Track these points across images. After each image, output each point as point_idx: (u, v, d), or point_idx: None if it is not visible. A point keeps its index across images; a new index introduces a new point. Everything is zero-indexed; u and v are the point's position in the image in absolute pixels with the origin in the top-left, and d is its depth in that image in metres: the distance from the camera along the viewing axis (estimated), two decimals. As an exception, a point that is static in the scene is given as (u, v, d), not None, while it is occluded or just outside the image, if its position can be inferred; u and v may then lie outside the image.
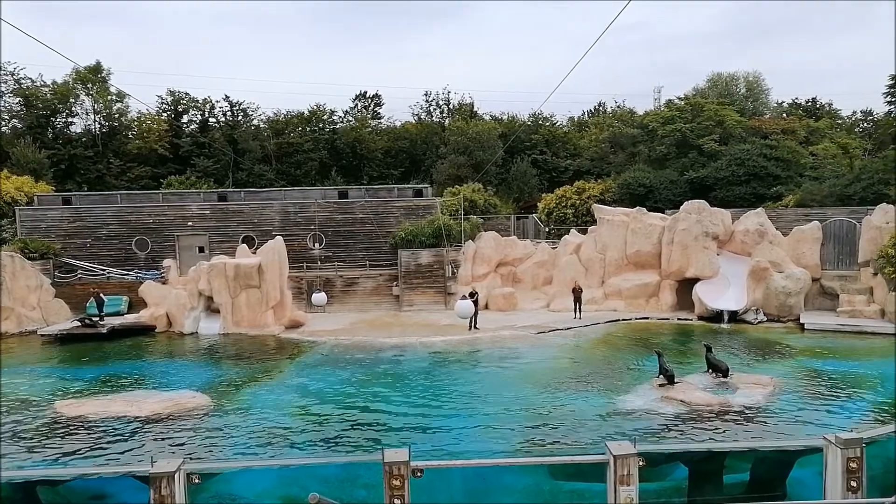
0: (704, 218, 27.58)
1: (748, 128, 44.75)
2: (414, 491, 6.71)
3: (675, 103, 48.13)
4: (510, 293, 29.39)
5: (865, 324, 23.39)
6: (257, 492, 7.75)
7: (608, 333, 24.22)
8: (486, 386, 17.32)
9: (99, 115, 52.73)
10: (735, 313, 25.42)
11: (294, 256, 29.31)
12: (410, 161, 58.21)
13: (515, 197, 49.01)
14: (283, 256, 26.53)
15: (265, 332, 24.88)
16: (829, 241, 26.89)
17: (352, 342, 23.08)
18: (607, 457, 6.97)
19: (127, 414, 14.81)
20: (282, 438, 13.37)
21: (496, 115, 61.66)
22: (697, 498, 7.79)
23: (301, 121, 57.99)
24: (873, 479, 7.36)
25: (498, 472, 8.18)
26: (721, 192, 37.54)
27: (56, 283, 28.81)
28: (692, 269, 27.26)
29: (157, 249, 31.26)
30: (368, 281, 30.41)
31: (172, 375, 19.12)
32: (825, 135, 47.87)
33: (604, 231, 29.70)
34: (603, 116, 61.89)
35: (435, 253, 29.62)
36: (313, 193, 33.81)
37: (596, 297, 28.35)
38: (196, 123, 58.15)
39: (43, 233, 30.79)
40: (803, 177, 37.76)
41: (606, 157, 51.32)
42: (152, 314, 26.11)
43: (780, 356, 20.11)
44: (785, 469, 8.00)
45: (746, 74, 58.25)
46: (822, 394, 15.78)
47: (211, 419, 14.67)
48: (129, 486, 7.15)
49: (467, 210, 35.87)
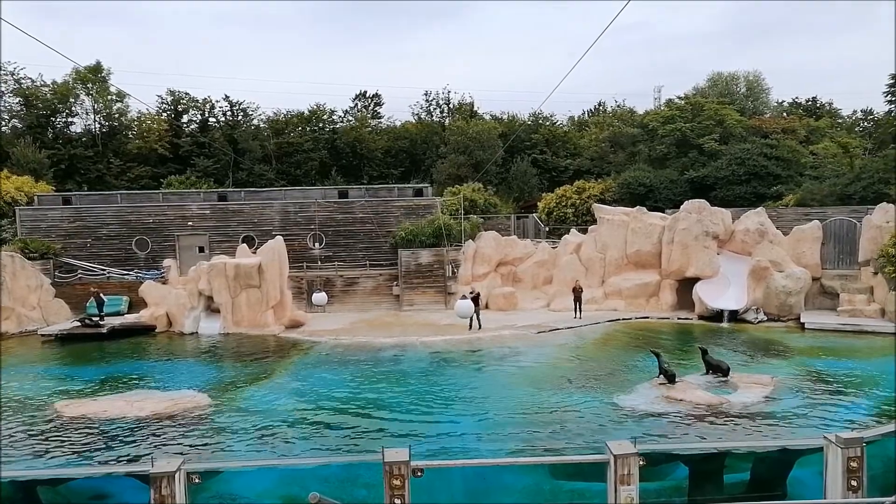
0: (705, 217, 27.58)
1: (748, 127, 44.75)
2: (414, 491, 6.71)
3: (675, 103, 48.15)
4: (510, 293, 29.38)
5: (866, 323, 23.38)
6: (258, 491, 7.75)
7: (608, 333, 24.21)
8: (486, 385, 17.32)
9: (99, 115, 52.76)
10: (735, 313, 25.41)
11: (294, 256, 29.30)
12: (410, 161, 58.23)
13: (515, 196, 49.01)
14: (283, 256, 26.53)
15: (265, 332, 24.88)
16: (829, 240, 26.89)
17: (352, 342, 23.08)
18: (608, 456, 6.97)
19: (127, 414, 14.80)
20: (282, 438, 13.37)
21: (496, 115, 61.72)
22: (698, 497, 7.79)
23: (301, 120, 58.01)
24: (874, 478, 7.36)
25: (498, 471, 8.17)
26: (721, 191, 37.55)
27: (56, 283, 28.80)
28: (692, 269, 27.26)
29: (158, 249, 31.26)
30: (368, 281, 30.41)
31: (173, 375, 19.11)
32: (825, 134, 47.87)
33: (604, 231, 29.70)
34: (603, 116, 61.90)
35: (435, 252, 29.61)
36: (313, 193, 33.82)
37: (596, 297, 28.35)
38: (196, 123, 58.20)
39: (43, 233, 30.79)
40: (803, 176, 37.77)
41: (606, 157, 51.33)
42: (152, 314, 26.10)
43: (781, 356, 20.10)
44: (785, 468, 8.00)
45: (747, 74, 58.29)
46: (822, 393, 15.77)
47: (211, 419, 14.67)
48: (130, 486, 7.15)
49: (467, 210, 35.87)
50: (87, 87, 51.37)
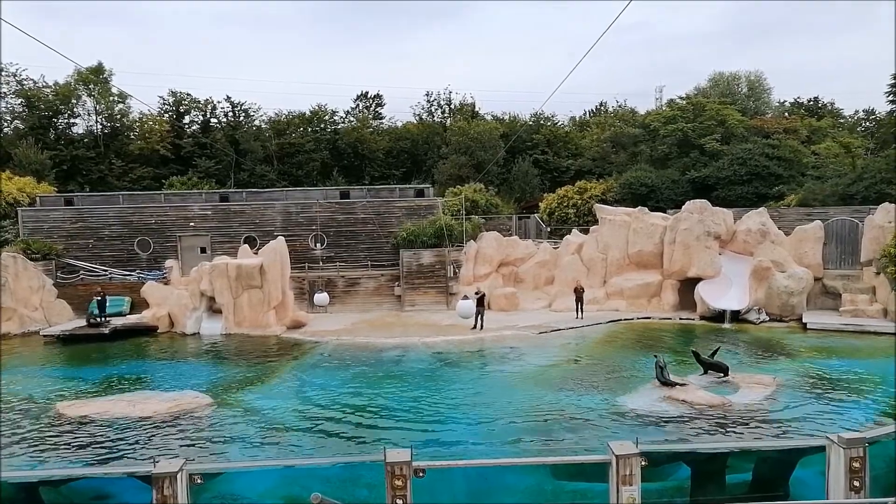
0: (706, 217, 27.55)
1: (750, 127, 44.71)
2: (416, 491, 6.72)
3: (676, 103, 48.14)
4: (512, 293, 29.37)
5: (868, 323, 23.34)
6: (259, 492, 7.76)
7: (610, 333, 24.19)
8: (488, 386, 17.32)
9: (101, 116, 52.84)
10: (737, 313, 25.38)
11: (296, 257, 29.32)
12: (412, 161, 58.23)
13: (517, 197, 48.98)
14: (284, 257, 26.54)
15: (267, 333, 24.89)
16: (831, 240, 26.86)
17: (353, 342, 23.08)
18: (609, 457, 6.97)
19: (129, 414, 14.82)
20: (284, 439, 13.37)
21: (497, 115, 61.71)
22: (700, 498, 7.79)
23: (302, 121, 58.05)
24: (876, 478, 7.36)
25: (500, 472, 8.17)
26: (723, 191, 37.52)
27: (58, 283, 28.82)
28: (694, 269, 27.23)
29: (159, 250, 31.30)
30: (370, 281, 30.41)
31: (174, 376, 19.11)
32: (827, 134, 47.85)
33: (605, 231, 29.68)
34: (604, 116, 61.88)
35: (436, 253, 29.62)
36: (315, 194, 33.83)
37: (598, 297, 28.34)
38: (198, 124, 58.28)
39: (45, 233, 30.85)
40: (805, 176, 37.74)
41: (608, 157, 51.30)
42: (154, 315, 26.12)
43: (783, 356, 20.06)
44: (787, 469, 7.99)
45: (748, 74, 58.26)
46: (824, 393, 15.74)
47: (213, 419, 14.68)
48: (132, 487, 7.16)
49: (469, 210, 35.85)
50: (89, 88, 51.44)
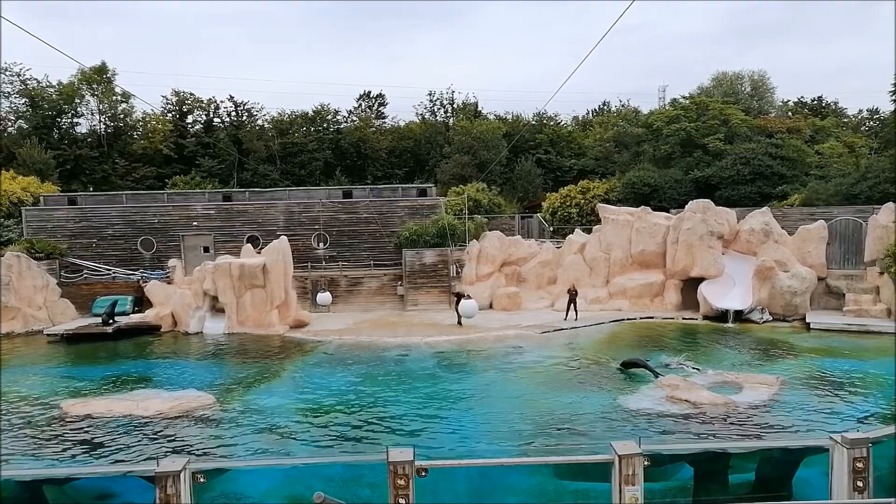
0: (709, 217, 27.50)
1: (753, 127, 44.55)
2: (418, 490, 6.71)
3: (679, 102, 47.98)
4: (514, 293, 29.34)
5: (871, 323, 23.29)
6: (262, 491, 7.77)
7: (613, 333, 24.18)
8: (490, 385, 17.32)
9: (104, 116, 52.89)
10: (740, 313, 25.34)
11: (298, 256, 29.33)
12: (415, 161, 58.20)
13: (520, 196, 48.93)
14: (287, 256, 26.56)
15: (270, 332, 24.91)
16: (834, 240, 26.79)
17: (356, 342, 23.10)
18: (612, 456, 6.95)
19: (133, 413, 14.86)
20: (287, 438, 13.39)
21: (500, 115, 61.60)
22: (703, 498, 7.78)
23: (305, 121, 58.04)
24: (880, 479, 7.34)
25: (503, 471, 8.16)
26: (726, 191, 37.42)
27: (62, 282, 28.90)
28: (697, 269, 27.19)
29: (163, 249, 31.35)
30: (373, 281, 30.42)
31: (178, 375, 19.15)
32: (831, 133, 47.69)
33: (608, 230, 29.65)
34: (607, 116, 61.78)
35: (439, 252, 29.62)
36: (318, 193, 33.87)
37: (601, 297, 28.31)
38: (201, 124, 58.34)
39: (49, 233, 30.91)
40: (809, 176, 37.62)
41: (611, 157, 51.22)
42: (157, 314, 26.18)
43: (786, 356, 20.03)
44: (791, 469, 7.97)
45: (751, 73, 57.99)
46: (827, 393, 15.72)
47: (216, 418, 14.70)
48: (135, 486, 7.16)
49: (471, 209, 35.85)
50: (93, 88, 51.51)
